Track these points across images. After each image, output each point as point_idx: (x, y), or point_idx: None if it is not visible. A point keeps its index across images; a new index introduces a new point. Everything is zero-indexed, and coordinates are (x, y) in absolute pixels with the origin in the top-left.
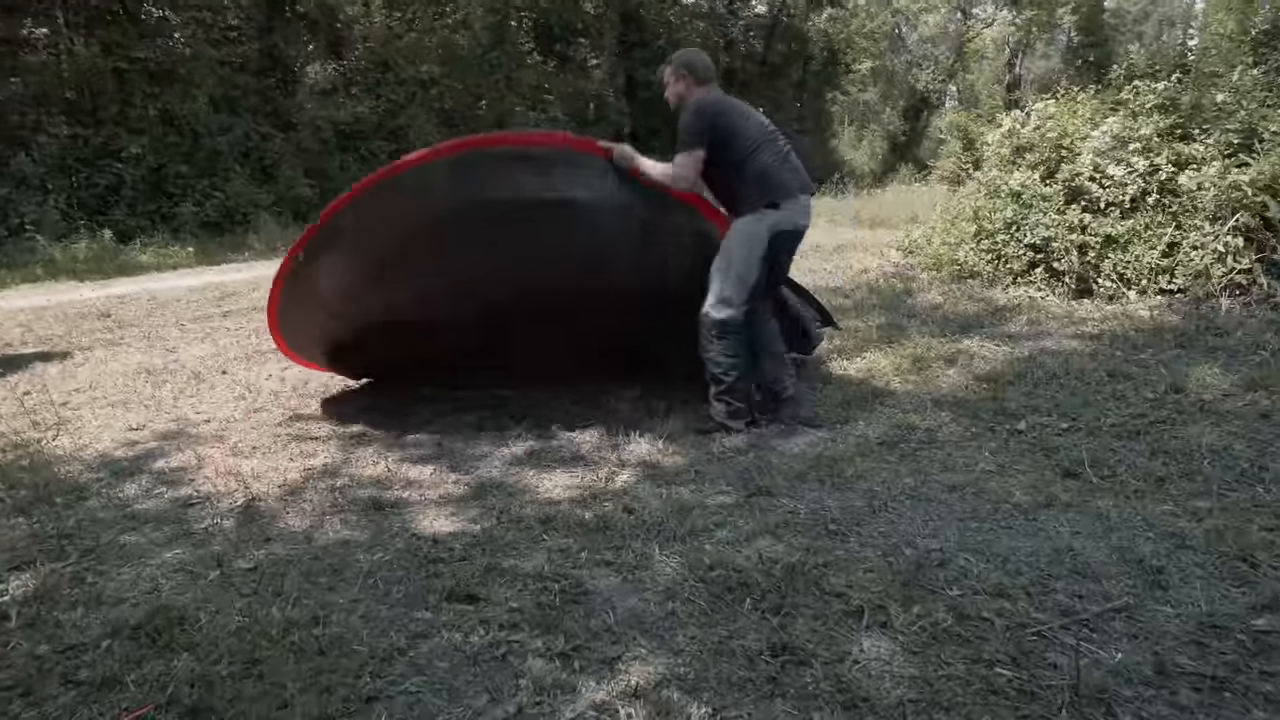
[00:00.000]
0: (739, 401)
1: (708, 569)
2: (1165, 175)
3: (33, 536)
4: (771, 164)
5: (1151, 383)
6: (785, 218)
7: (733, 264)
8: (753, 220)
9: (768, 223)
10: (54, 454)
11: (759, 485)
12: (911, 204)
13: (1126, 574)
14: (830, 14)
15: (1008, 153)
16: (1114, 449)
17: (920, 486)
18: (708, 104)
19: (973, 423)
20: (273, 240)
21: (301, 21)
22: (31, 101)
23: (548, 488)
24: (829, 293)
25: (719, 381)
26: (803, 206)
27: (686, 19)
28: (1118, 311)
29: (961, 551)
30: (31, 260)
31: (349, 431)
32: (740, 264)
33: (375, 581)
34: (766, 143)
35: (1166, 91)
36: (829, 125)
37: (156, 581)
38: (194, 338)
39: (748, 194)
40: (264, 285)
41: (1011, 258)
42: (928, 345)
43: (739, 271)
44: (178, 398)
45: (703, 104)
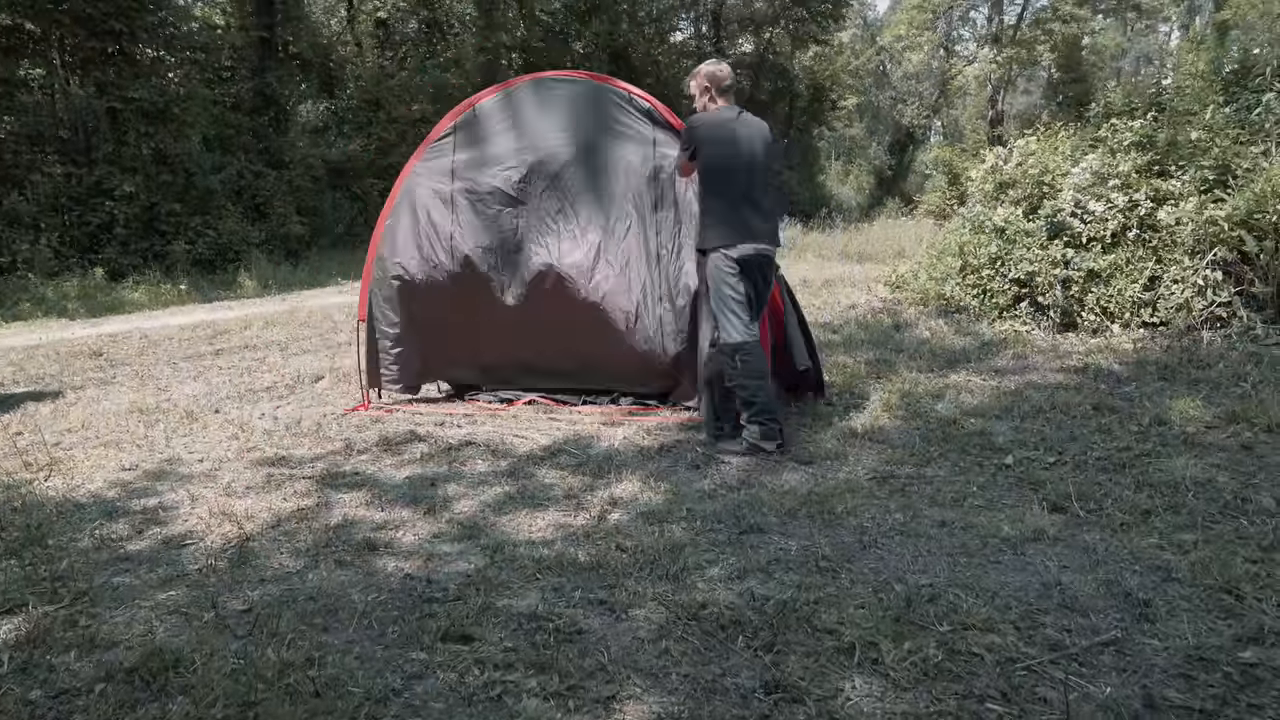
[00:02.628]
0: (770, 421)
1: (700, 607)
2: (1144, 211)
3: (25, 579)
4: (729, 210)
5: (1136, 416)
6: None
7: (721, 296)
8: (715, 257)
9: (731, 254)
10: (46, 495)
11: (750, 522)
12: (898, 238)
13: (1114, 607)
14: (816, 52)
15: (991, 188)
16: (1100, 482)
17: (910, 522)
18: (695, 124)
19: (961, 457)
20: (264, 277)
21: (295, 61)
22: (26, 141)
23: (540, 526)
24: (818, 328)
25: (750, 404)
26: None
27: (674, 57)
28: (1102, 345)
29: (951, 587)
30: (23, 298)
31: (342, 471)
32: (727, 292)
33: (370, 622)
34: (733, 182)
35: (1143, 129)
36: (816, 160)
37: (150, 624)
38: (186, 376)
39: (704, 223)
40: (255, 323)
41: (997, 292)
42: (916, 380)
43: (728, 297)
44: (170, 437)
45: (691, 123)
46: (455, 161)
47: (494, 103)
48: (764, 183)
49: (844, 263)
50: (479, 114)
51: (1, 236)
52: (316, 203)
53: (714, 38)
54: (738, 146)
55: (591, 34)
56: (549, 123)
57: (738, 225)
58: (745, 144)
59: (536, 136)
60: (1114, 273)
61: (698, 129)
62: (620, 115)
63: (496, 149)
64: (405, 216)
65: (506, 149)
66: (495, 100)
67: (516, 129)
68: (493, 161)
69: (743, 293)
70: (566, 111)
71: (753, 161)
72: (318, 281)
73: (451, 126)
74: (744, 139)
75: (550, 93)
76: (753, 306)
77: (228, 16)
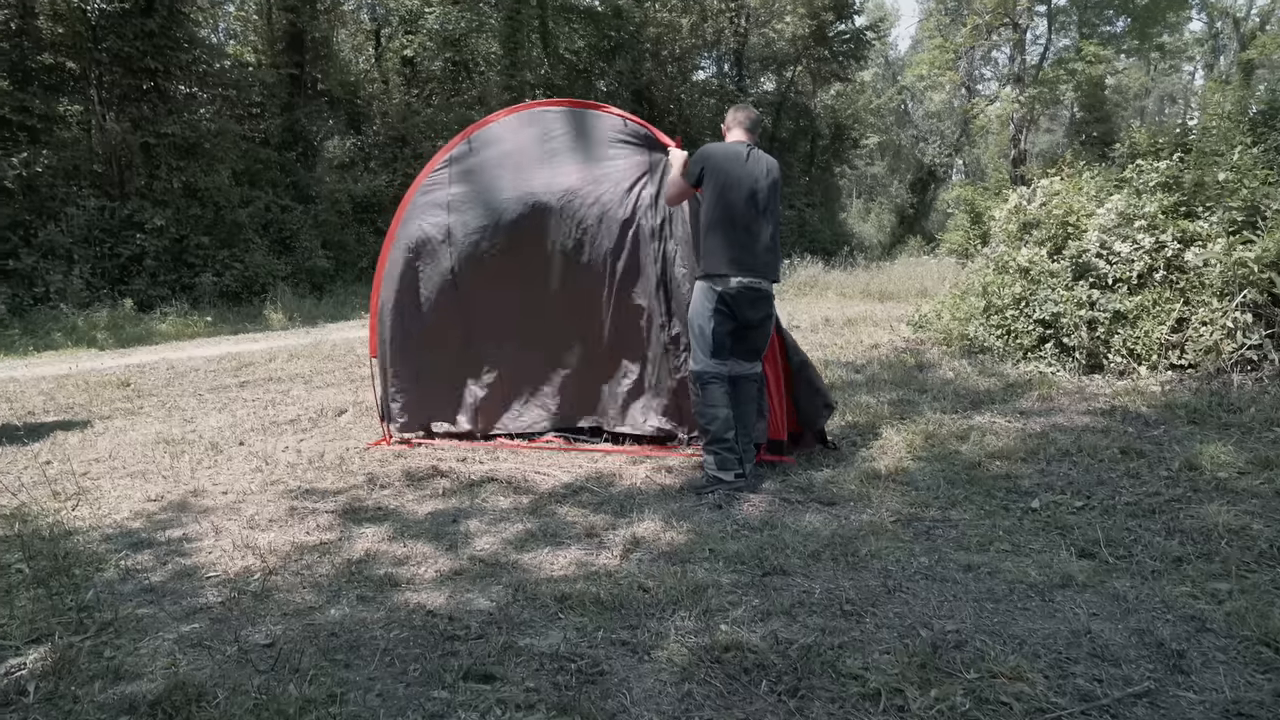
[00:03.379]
0: (726, 452)
1: (723, 649)
2: (1171, 252)
3: (52, 608)
4: (724, 241)
5: (1165, 460)
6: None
7: (694, 324)
8: (702, 285)
9: (715, 287)
10: (74, 524)
11: (773, 564)
12: (920, 277)
13: (1146, 657)
14: (837, 91)
15: (1015, 229)
16: (1129, 528)
17: (935, 566)
18: (707, 152)
19: (986, 500)
20: (289, 310)
21: (323, 98)
22: (63, 175)
23: (562, 564)
24: (841, 367)
25: (705, 432)
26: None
27: (697, 96)
28: (1129, 387)
29: (978, 633)
30: (54, 328)
31: (364, 505)
32: (699, 322)
33: (392, 659)
34: (732, 214)
35: (1169, 170)
36: (837, 198)
37: (174, 656)
38: (211, 408)
39: (699, 251)
40: (280, 356)
41: (1021, 333)
42: (940, 421)
43: (699, 327)
44: (195, 469)
45: (703, 150)
46: (451, 194)
47: (487, 133)
48: (766, 217)
49: (866, 301)
50: (473, 145)
51: (36, 268)
52: (342, 237)
53: (736, 76)
54: (742, 179)
55: (615, 72)
56: (541, 155)
57: (730, 258)
58: (750, 178)
59: (528, 170)
60: (1141, 314)
61: (707, 157)
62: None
63: (490, 182)
64: (403, 252)
65: (499, 182)
66: (488, 131)
67: (510, 162)
68: (486, 195)
69: (711, 327)
70: (559, 143)
71: (755, 196)
72: (342, 315)
73: (447, 159)
74: (750, 173)
75: (541, 124)
76: (746, 342)
77: (259, 54)
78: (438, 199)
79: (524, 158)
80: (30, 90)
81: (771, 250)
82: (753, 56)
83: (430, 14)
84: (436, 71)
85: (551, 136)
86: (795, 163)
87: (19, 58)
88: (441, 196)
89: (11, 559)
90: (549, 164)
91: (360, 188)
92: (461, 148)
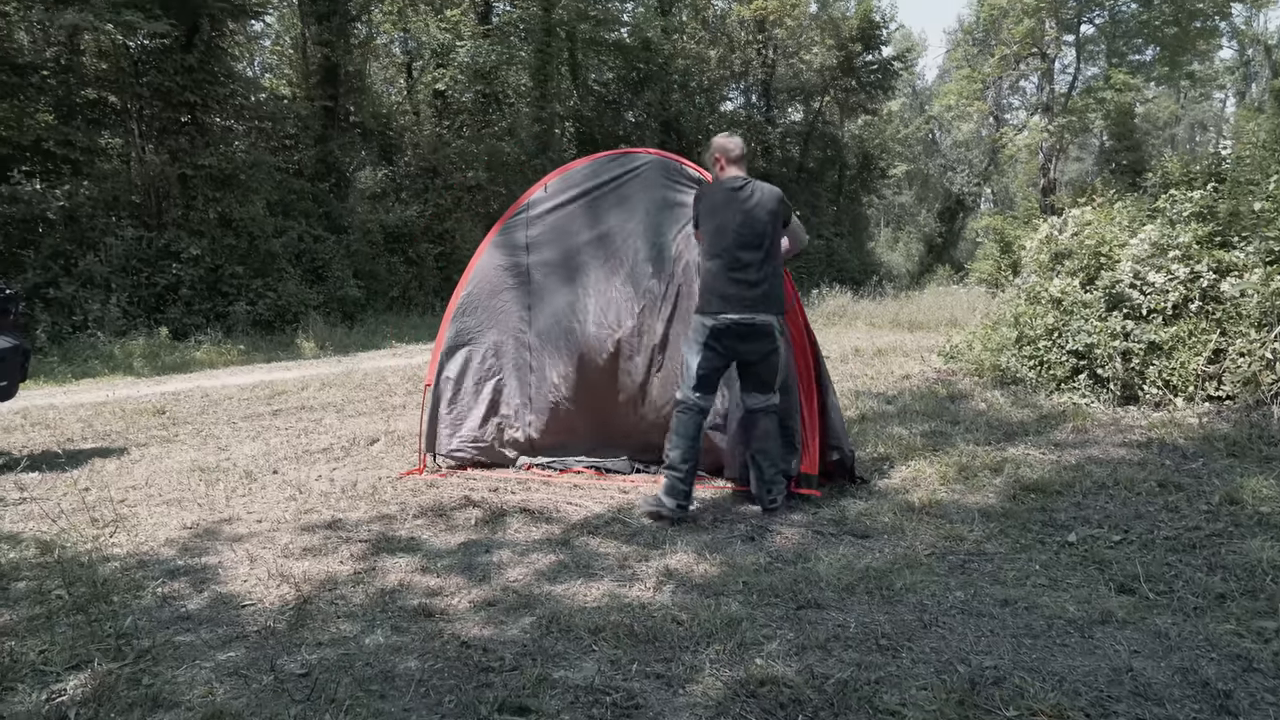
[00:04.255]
0: (677, 480)
1: (758, 684)
2: (1207, 282)
3: (91, 635)
4: (715, 277)
5: (1205, 494)
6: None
7: (683, 356)
8: (695, 319)
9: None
10: (111, 551)
11: (807, 597)
12: (950, 307)
13: (1191, 697)
14: (865, 121)
15: (1046, 259)
16: (1169, 563)
17: (971, 600)
18: (699, 193)
19: (1021, 534)
20: (321, 339)
21: (355, 130)
22: (103, 205)
23: (595, 596)
24: (872, 398)
25: (666, 457)
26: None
27: (725, 126)
28: (1165, 419)
29: (1017, 669)
30: (91, 356)
31: (397, 535)
32: (686, 354)
33: (427, 690)
34: (721, 249)
35: (1203, 200)
36: (865, 227)
37: (211, 684)
38: (245, 436)
39: (699, 289)
40: (312, 385)
41: (1054, 364)
42: (973, 453)
43: (685, 360)
44: (230, 497)
45: (697, 193)
46: (529, 236)
47: (565, 180)
48: (761, 252)
49: (895, 331)
50: (550, 190)
51: (75, 296)
52: (373, 267)
53: (764, 107)
54: (730, 215)
55: (643, 103)
56: (613, 201)
57: (719, 293)
58: (739, 213)
59: (601, 215)
60: (1176, 345)
61: (699, 198)
62: (679, 189)
63: (565, 225)
64: (479, 288)
65: (573, 225)
66: (567, 177)
67: (584, 207)
68: (562, 238)
69: (698, 359)
70: (630, 189)
71: (746, 230)
72: (373, 344)
73: (526, 203)
74: (743, 208)
75: (613, 170)
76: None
77: (294, 87)
78: (517, 240)
79: (596, 203)
80: (74, 124)
81: (767, 284)
82: (780, 87)
83: (461, 47)
84: (467, 103)
85: (622, 182)
86: (823, 192)
87: (64, 93)
88: (520, 238)
89: (51, 585)
90: (619, 208)
91: (392, 218)
92: (540, 193)
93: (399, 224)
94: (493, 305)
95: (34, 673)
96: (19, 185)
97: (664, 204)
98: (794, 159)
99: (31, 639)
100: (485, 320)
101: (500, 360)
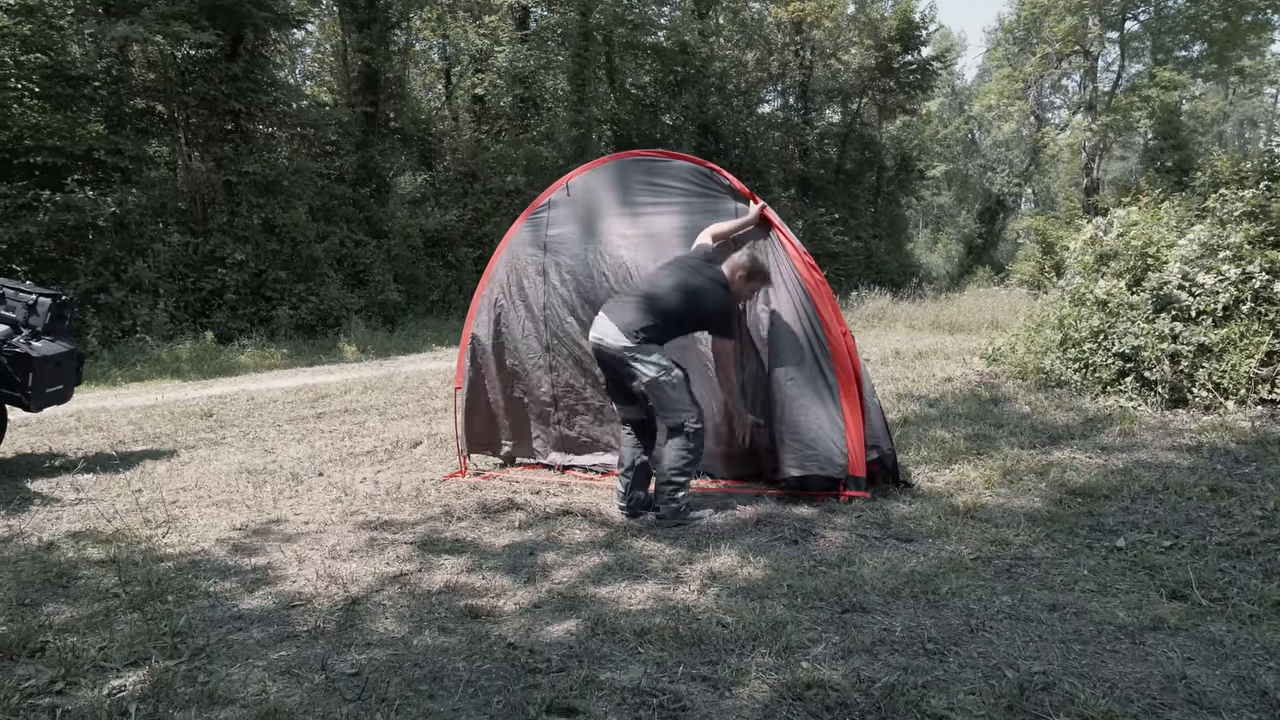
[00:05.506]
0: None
1: (805, 687)
2: (1259, 283)
3: (147, 633)
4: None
5: (1259, 499)
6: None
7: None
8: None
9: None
10: (165, 551)
11: (852, 601)
12: (991, 308)
13: (1249, 706)
14: (903, 121)
15: (1091, 260)
16: (1222, 569)
17: (1018, 605)
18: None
19: (1069, 539)
20: (363, 342)
21: (396, 135)
22: (151, 213)
23: (640, 598)
24: (914, 401)
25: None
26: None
27: (763, 129)
28: (1216, 422)
29: (1066, 675)
30: (140, 359)
31: (442, 537)
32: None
33: (475, 691)
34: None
35: (1255, 199)
36: (904, 229)
37: (264, 683)
38: (290, 439)
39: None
40: (355, 388)
41: (1100, 366)
42: (1017, 457)
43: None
44: (277, 499)
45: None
46: (549, 236)
47: (585, 179)
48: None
49: (936, 333)
50: (571, 190)
51: (125, 301)
52: (413, 271)
53: (802, 109)
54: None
55: (681, 107)
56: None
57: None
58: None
59: (620, 215)
60: (1227, 347)
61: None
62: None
63: (583, 226)
64: (499, 288)
65: (592, 225)
66: (586, 177)
67: (601, 208)
68: (582, 237)
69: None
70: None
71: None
72: (413, 347)
73: (547, 202)
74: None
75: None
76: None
77: (334, 94)
78: (536, 239)
79: (614, 204)
80: (123, 133)
81: (631, 313)
82: (818, 89)
83: (500, 53)
84: (506, 108)
85: (640, 184)
86: (861, 194)
87: (115, 103)
88: (539, 237)
89: (109, 584)
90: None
91: (431, 222)
92: (560, 193)
93: (438, 228)
94: (515, 305)
95: (95, 668)
96: (72, 194)
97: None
98: (831, 160)
99: (91, 636)
100: (505, 321)
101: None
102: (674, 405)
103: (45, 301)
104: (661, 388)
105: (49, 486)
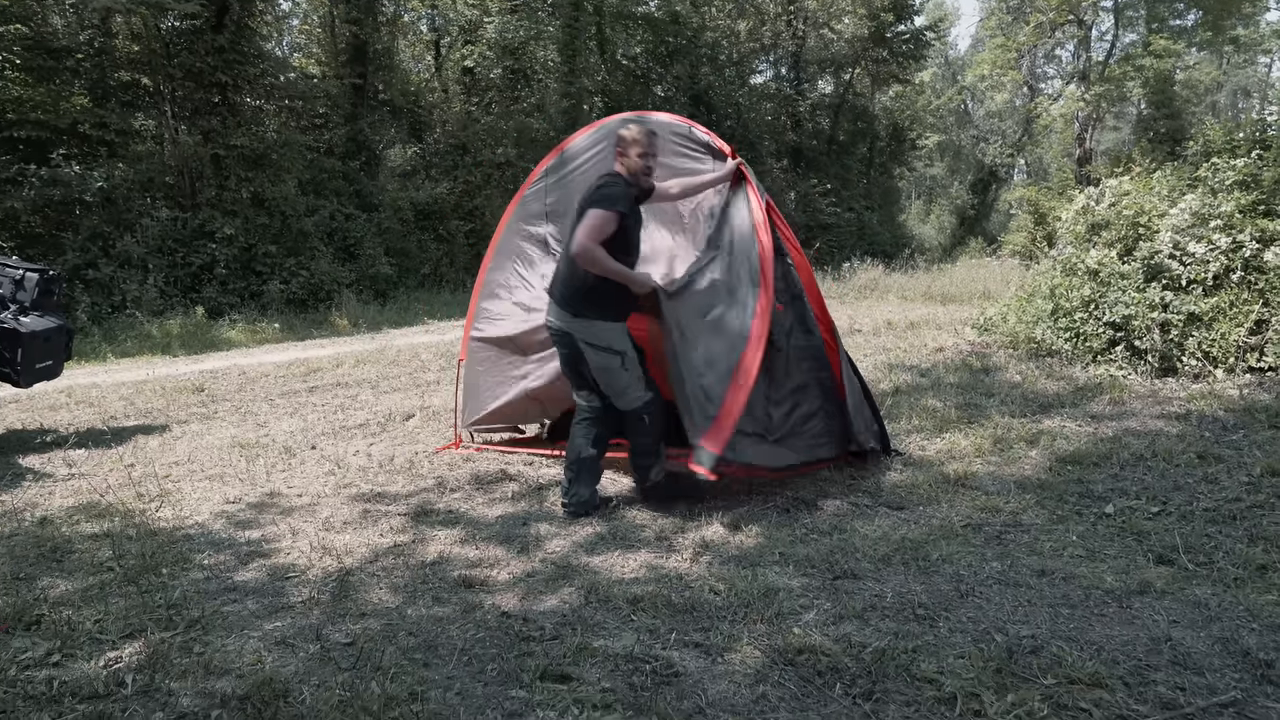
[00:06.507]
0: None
1: (796, 652)
2: (1250, 252)
3: (143, 605)
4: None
5: (1245, 465)
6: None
7: None
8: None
9: None
10: (158, 525)
11: (844, 568)
12: (983, 279)
13: (1231, 666)
14: (896, 92)
15: (1082, 230)
16: (1209, 534)
17: (1008, 571)
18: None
19: (1058, 505)
20: (354, 316)
21: (385, 108)
22: (138, 187)
23: (633, 567)
24: (906, 371)
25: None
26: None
27: (755, 100)
28: (1204, 391)
29: (1054, 639)
30: (130, 335)
31: (435, 508)
32: None
33: (469, 659)
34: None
35: (1247, 168)
36: (896, 200)
37: (259, 653)
38: (283, 412)
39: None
40: (347, 362)
41: (1090, 336)
42: (1008, 425)
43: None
44: (270, 472)
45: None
46: (548, 205)
47: (577, 145)
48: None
49: (928, 304)
50: (566, 157)
51: (114, 277)
52: (404, 244)
53: (794, 79)
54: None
55: (672, 77)
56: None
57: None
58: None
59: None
60: (1216, 316)
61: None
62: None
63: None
64: (504, 261)
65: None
66: (577, 143)
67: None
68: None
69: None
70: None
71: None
72: (405, 321)
73: (543, 171)
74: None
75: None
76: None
77: (323, 66)
78: (535, 210)
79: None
80: (108, 106)
81: (558, 285)
82: (810, 59)
83: (489, 24)
84: (496, 80)
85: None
86: (854, 165)
87: (99, 76)
88: (539, 208)
89: (103, 557)
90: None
91: (422, 195)
92: (555, 160)
93: (429, 201)
94: (520, 276)
95: (91, 640)
96: (58, 168)
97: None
98: (824, 131)
99: (87, 609)
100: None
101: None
102: (624, 389)
103: (33, 277)
104: (610, 373)
105: (41, 462)
